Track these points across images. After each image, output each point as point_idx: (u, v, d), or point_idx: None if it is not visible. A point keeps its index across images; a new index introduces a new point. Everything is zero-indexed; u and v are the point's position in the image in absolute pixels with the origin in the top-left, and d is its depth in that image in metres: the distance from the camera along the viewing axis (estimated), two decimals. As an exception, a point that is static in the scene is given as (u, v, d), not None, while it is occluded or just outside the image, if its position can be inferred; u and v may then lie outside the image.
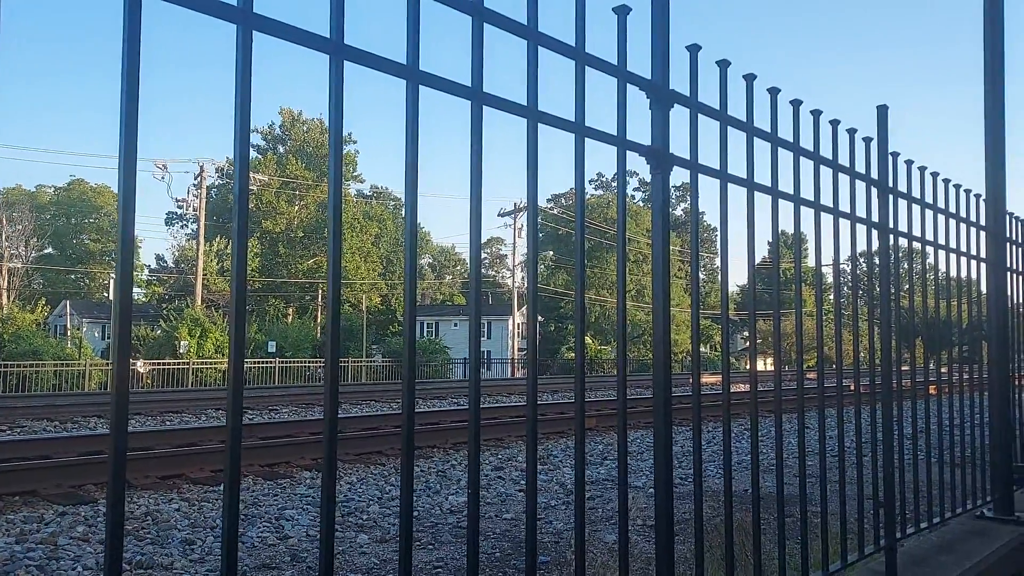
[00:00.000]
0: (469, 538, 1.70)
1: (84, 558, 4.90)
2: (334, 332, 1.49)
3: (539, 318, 59.03)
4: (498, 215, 52.37)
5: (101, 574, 4.59)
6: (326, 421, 1.45)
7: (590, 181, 71.58)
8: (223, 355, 37.09)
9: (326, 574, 1.45)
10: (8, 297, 54.66)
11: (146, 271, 67.44)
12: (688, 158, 2.31)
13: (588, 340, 54.13)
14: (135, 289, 67.47)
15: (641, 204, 65.88)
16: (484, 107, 1.73)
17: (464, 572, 4.52)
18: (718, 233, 2.62)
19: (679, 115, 2.28)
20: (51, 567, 4.70)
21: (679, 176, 2.37)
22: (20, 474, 7.00)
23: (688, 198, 2.56)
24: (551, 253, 65.77)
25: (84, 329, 46.24)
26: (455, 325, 53.39)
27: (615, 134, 2.05)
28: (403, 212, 1.69)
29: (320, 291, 56.62)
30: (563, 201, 64.99)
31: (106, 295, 53.52)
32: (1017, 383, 4.90)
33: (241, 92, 1.37)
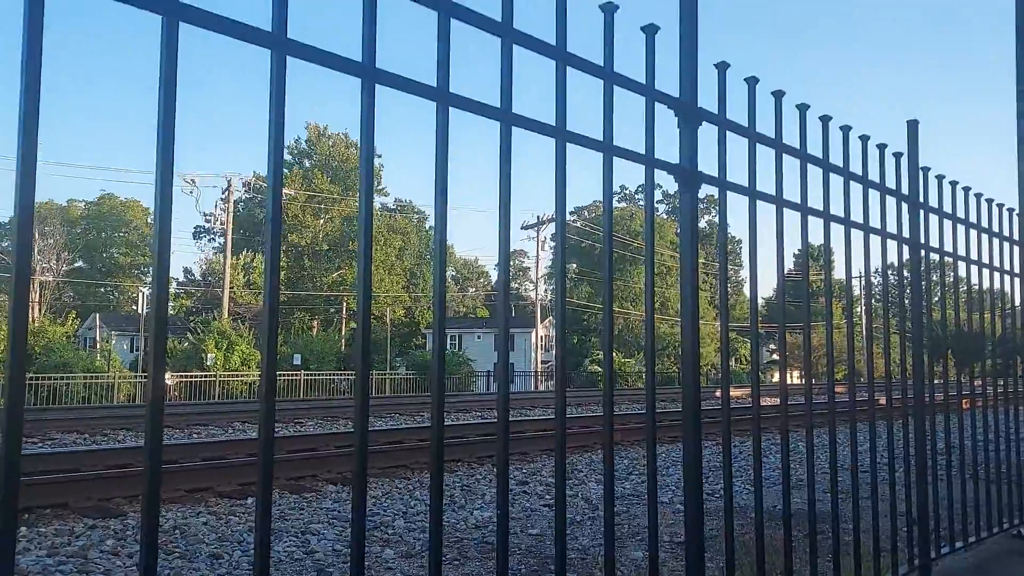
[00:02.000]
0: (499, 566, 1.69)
1: (114, 572, 4.95)
2: (364, 347, 1.50)
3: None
4: (521, 227, 52.39)
5: (131, 587, 4.63)
6: (357, 436, 1.46)
7: (613, 194, 71.38)
8: (249, 368, 37.43)
9: (358, 595, 1.45)
10: (40, 310, 55.59)
11: (174, 284, 68.34)
12: (716, 176, 2.30)
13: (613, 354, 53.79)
14: (163, 302, 68.13)
15: (664, 216, 65.65)
16: (513, 127, 1.74)
17: (490, 588, 4.51)
18: (742, 246, 2.61)
19: (708, 132, 2.28)
20: (82, 580, 4.75)
21: (705, 189, 2.37)
22: (51, 487, 7.09)
23: (712, 210, 2.56)
24: (574, 265, 65.68)
25: (113, 342, 46.87)
26: (479, 337, 53.39)
27: (643, 153, 2.06)
28: (428, 225, 1.70)
29: (345, 304, 56.99)
30: (586, 214, 64.91)
31: (134, 308, 54.28)
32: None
33: (275, 115, 1.39)
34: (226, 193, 44.83)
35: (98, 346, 44.04)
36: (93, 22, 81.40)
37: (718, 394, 2.57)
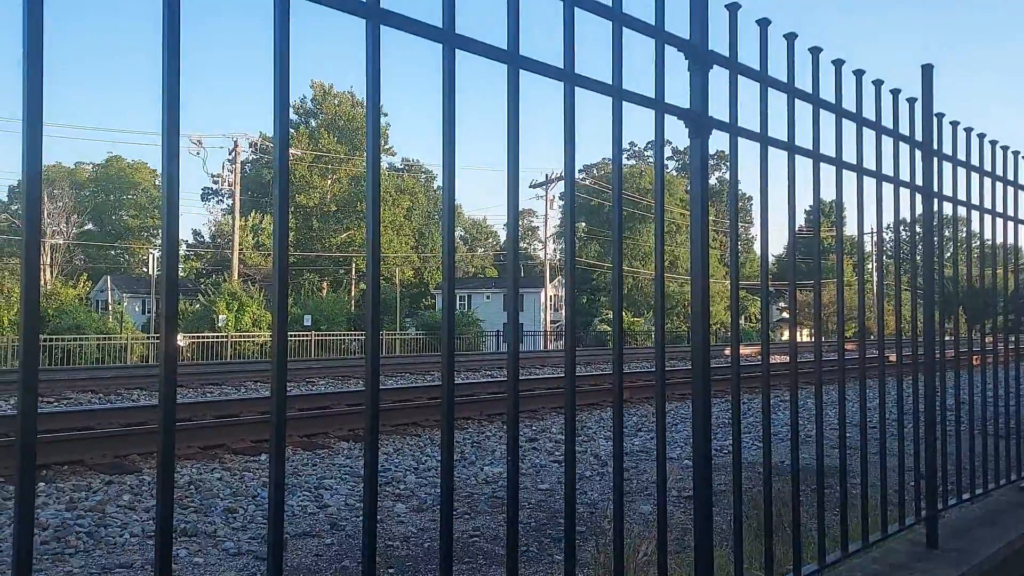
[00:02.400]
0: (509, 516, 1.70)
1: (131, 525, 5.04)
2: (374, 307, 1.48)
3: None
4: (530, 186, 52.09)
5: (148, 540, 4.72)
6: (367, 390, 1.46)
7: (624, 148, 70.70)
8: (260, 328, 37.69)
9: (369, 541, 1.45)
10: (51, 273, 55.94)
11: (184, 246, 68.52)
12: (727, 121, 2.25)
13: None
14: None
15: (675, 173, 65.06)
16: (521, 71, 1.69)
17: (500, 540, 4.56)
18: (753, 202, 2.57)
19: (718, 79, 2.22)
20: (100, 533, 4.84)
21: (714, 143, 2.32)
22: (67, 444, 7.20)
23: (723, 166, 2.51)
24: (583, 224, 65.42)
25: (125, 303, 47.25)
26: (487, 298, 53.51)
27: (653, 97, 2.01)
28: (436, 185, 1.67)
29: (354, 265, 57.10)
30: (595, 172, 64.45)
31: (145, 270, 54.55)
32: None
33: (280, 59, 1.36)
34: (233, 154, 44.66)
35: (110, 308, 44.41)
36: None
37: (728, 352, 2.56)
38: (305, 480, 6.36)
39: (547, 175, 51.11)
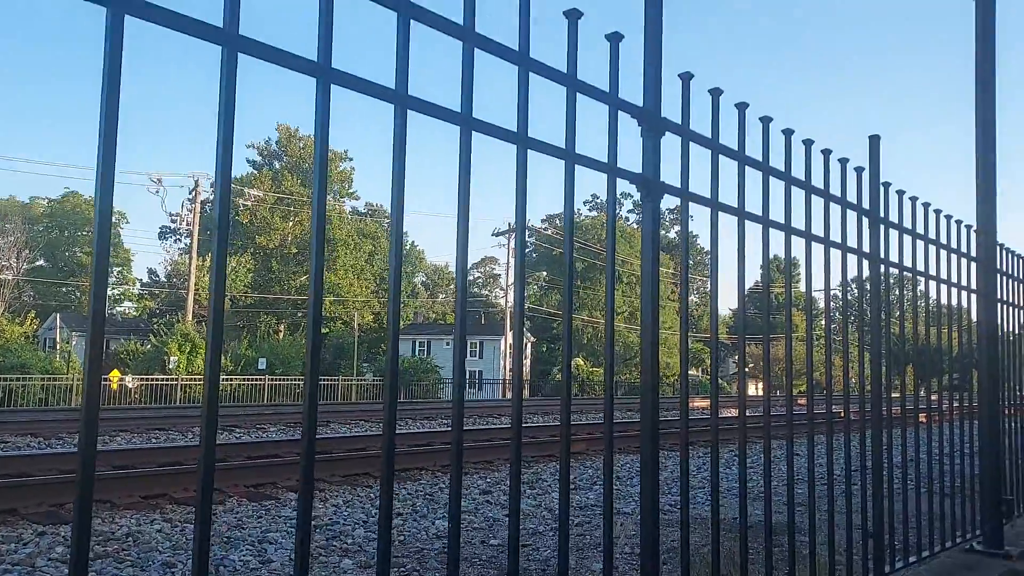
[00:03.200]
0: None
1: (62, 579, 4.81)
2: (315, 339, 1.46)
3: (532, 339, 58.96)
4: (492, 235, 52.46)
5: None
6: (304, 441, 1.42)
7: (584, 202, 71.80)
8: (213, 371, 36.83)
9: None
10: (-3, 309, 54.24)
11: (138, 285, 67.16)
12: (679, 186, 2.29)
13: (580, 362, 54.02)
14: (126, 303, 67.17)
15: (636, 226, 66.05)
16: (474, 133, 1.71)
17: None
18: (717, 263, 2.61)
19: (671, 144, 2.27)
20: (28, 588, 4.61)
21: (672, 199, 2.36)
22: (0, 492, 6.89)
23: (681, 221, 2.55)
24: (544, 273, 65.81)
25: (74, 343, 45.91)
26: (447, 344, 53.21)
27: (606, 161, 2.04)
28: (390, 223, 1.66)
29: (312, 308, 56.36)
30: (556, 222, 65.10)
31: (96, 309, 53.04)
32: (1007, 414, 4.89)
33: (225, 112, 1.35)
34: (193, 193, 44.21)
35: (58, 347, 43.10)
36: (52, 15, 79.96)
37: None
38: (249, 533, 6.16)
39: (509, 223, 51.49)
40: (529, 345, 57.75)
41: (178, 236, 62.37)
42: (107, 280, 1.26)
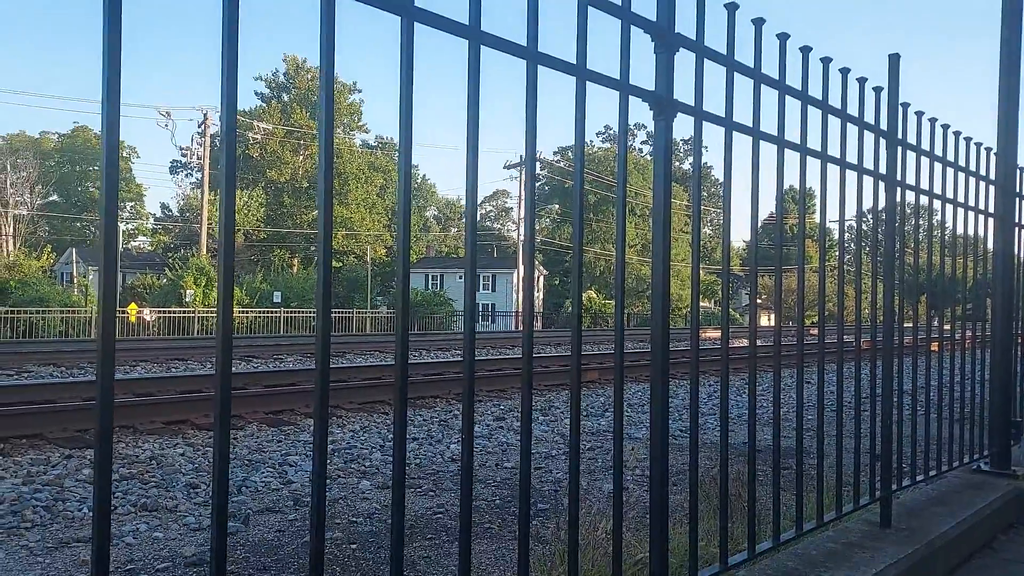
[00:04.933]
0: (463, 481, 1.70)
1: (89, 499, 4.98)
2: (326, 276, 1.47)
3: (544, 272, 59.03)
4: (504, 167, 52.06)
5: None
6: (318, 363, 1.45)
7: (597, 134, 70.81)
8: (229, 304, 37.25)
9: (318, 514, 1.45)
10: (14, 244, 54.78)
11: (151, 220, 67.48)
12: (692, 104, 2.25)
13: (593, 294, 54.19)
14: (140, 238, 67.51)
15: (649, 157, 65.18)
16: (482, 47, 1.68)
17: (463, 518, 4.57)
18: (730, 185, 2.58)
19: (685, 62, 2.22)
20: (57, 508, 4.78)
21: (686, 129, 2.33)
22: (26, 418, 7.09)
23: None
24: (556, 206, 65.43)
25: (90, 276, 46.41)
26: (459, 278, 53.41)
27: (617, 78, 2.01)
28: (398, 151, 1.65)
29: (325, 242, 56.54)
30: (569, 154, 64.36)
31: (112, 243, 53.42)
32: (1021, 339, 4.89)
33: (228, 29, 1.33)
34: (203, 127, 43.90)
35: (75, 281, 43.62)
36: (61, -56, 78.18)
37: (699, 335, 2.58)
38: (270, 456, 6.33)
39: (521, 156, 50.99)
40: (541, 278, 57.86)
41: (189, 171, 62.29)
42: (117, 205, 1.26)
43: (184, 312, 34.54)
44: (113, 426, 1.21)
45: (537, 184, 2.02)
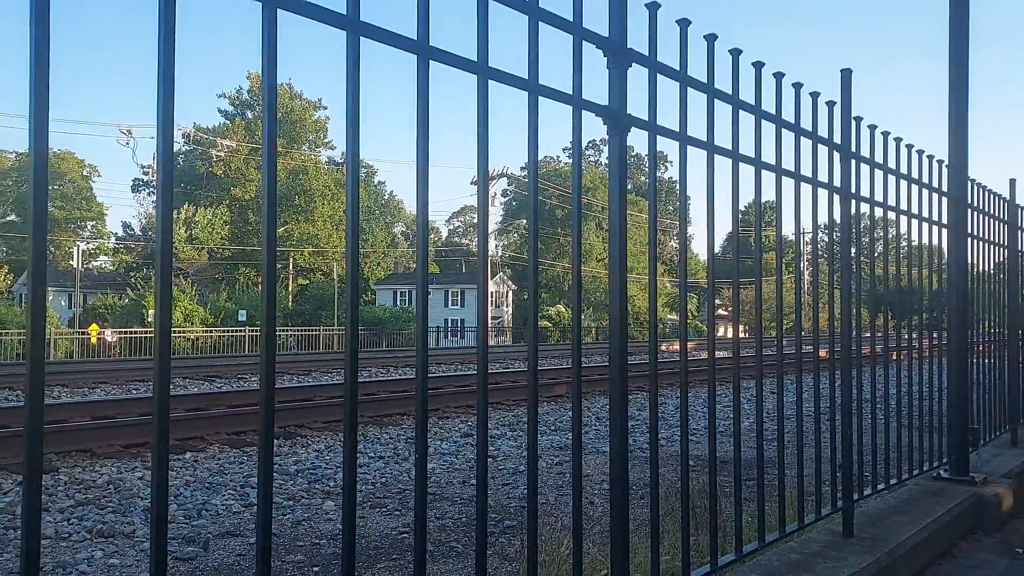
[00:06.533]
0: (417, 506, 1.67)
1: (42, 527, 4.83)
2: (270, 295, 1.44)
3: (513, 287, 59.07)
4: (471, 183, 51.99)
5: (61, 542, 4.54)
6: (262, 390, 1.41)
7: (564, 149, 71.18)
8: (192, 323, 36.74)
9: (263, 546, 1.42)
10: (-30, 265, 53.33)
11: (113, 239, 66.24)
12: (647, 119, 2.26)
13: (562, 308, 54.31)
14: (102, 258, 66.21)
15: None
16: (432, 62, 1.67)
17: (428, 535, 4.53)
18: (690, 201, 2.59)
19: (639, 77, 2.23)
20: (8, 536, 4.63)
21: (639, 144, 2.34)
22: (-22, 444, 6.88)
23: (662, 166, 2.54)
24: (524, 222, 65.53)
25: (50, 298, 45.41)
26: (428, 293, 53.08)
27: (571, 93, 2.01)
28: (377, 180, 1.63)
29: (291, 259, 56.10)
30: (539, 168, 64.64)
31: (71, 263, 52.53)
32: (976, 349, 4.98)
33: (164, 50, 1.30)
34: (165, 144, 43.23)
35: (33, 302, 42.55)
36: (19, -40, 77.02)
37: (664, 347, 2.59)
38: (231, 479, 6.20)
39: (490, 172, 51.07)
40: (510, 293, 57.89)
41: (151, 189, 61.35)
42: (46, 229, 1.23)
43: (147, 332, 33.92)
44: (43, 454, 1.16)
45: (505, 199, 2.02)
